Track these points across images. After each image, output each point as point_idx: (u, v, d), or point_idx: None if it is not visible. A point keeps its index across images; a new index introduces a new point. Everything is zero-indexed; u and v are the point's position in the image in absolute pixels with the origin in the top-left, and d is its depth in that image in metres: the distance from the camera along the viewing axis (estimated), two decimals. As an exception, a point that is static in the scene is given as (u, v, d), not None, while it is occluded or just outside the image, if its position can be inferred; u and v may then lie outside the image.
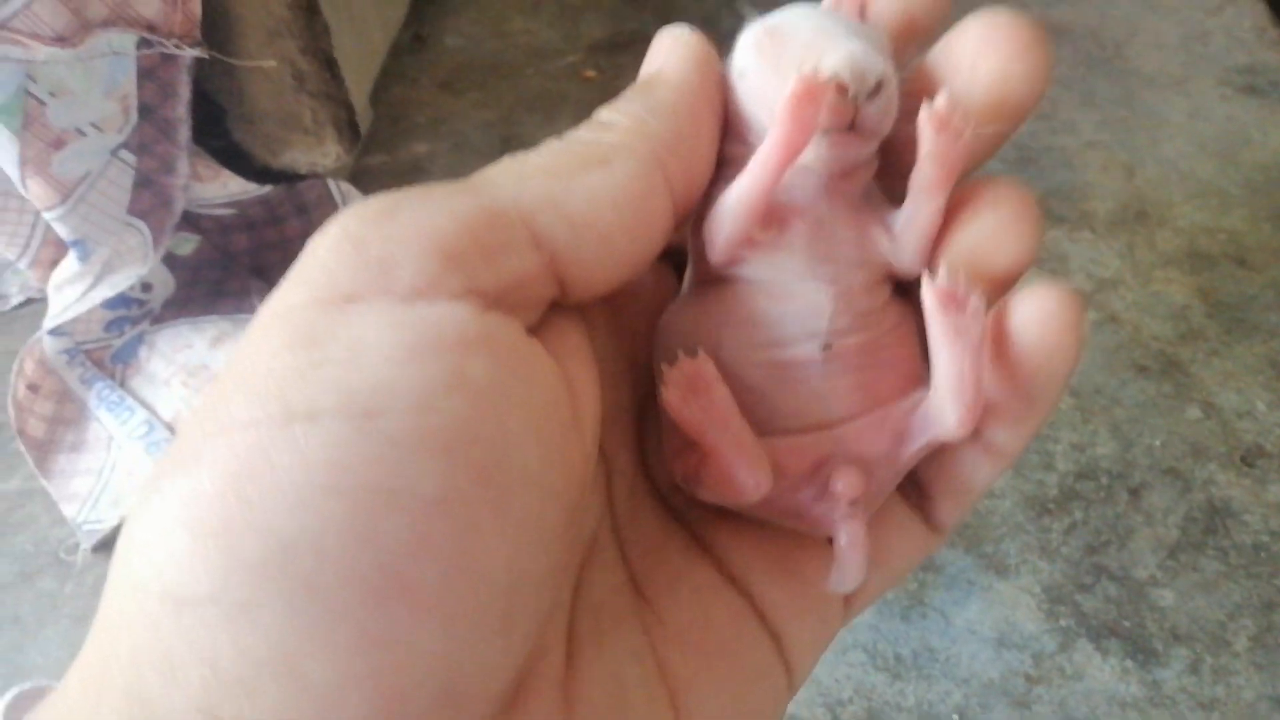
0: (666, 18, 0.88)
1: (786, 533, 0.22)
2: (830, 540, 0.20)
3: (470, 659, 0.16)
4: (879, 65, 0.19)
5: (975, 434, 0.20)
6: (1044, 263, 0.66)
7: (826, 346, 0.20)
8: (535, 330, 0.18)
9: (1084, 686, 0.47)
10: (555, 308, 0.19)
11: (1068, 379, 0.20)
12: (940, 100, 0.19)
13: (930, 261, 0.20)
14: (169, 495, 0.15)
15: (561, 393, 0.18)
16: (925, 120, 0.19)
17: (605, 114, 0.20)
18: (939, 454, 0.21)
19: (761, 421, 0.20)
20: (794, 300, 0.20)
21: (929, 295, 0.19)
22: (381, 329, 0.16)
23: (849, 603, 0.23)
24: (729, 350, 0.20)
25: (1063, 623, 0.49)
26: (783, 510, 0.21)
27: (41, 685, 0.50)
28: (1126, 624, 0.49)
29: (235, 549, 0.14)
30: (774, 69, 0.20)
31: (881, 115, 0.19)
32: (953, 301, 0.19)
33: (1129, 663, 0.48)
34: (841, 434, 0.20)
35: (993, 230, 0.20)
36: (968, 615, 0.50)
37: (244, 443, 0.15)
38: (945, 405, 0.19)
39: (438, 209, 0.17)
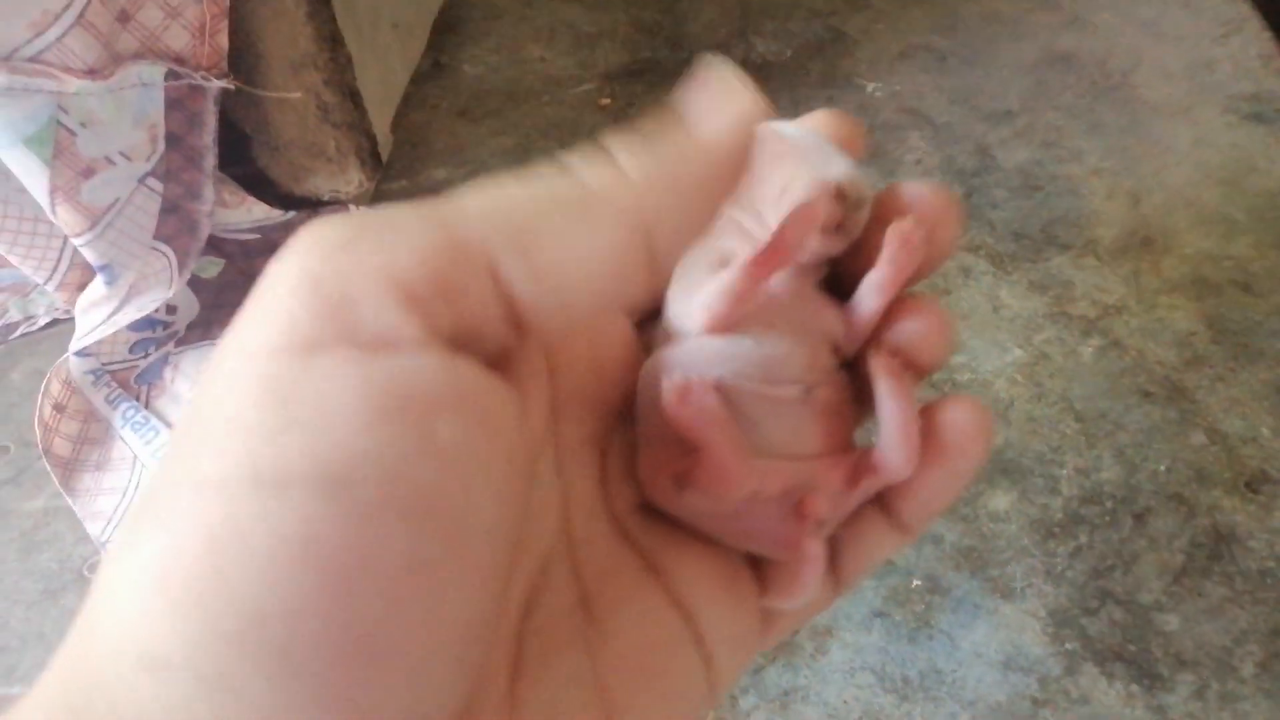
0: (680, 46, 0.90)
1: (732, 556, 0.24)
2: (772, 561, 0.23)
3: (432, 701, 0.16)
4: (866, 182, 0.23)
5: (889, 508, 0.24)
6: (1049, 289, 0.67)
7: (807, 390, 0.23)
8: (496, 360, 0.18)
9: (1089, 711, 0.48)
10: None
11: (972, 478, 0.23)
12: (908, 223, 0.22)
13: (873, 341, 0.24)
14: (144, 552, 0.15)
15: (518, 438, 0.18)
16: (893, 234, 0.22)
17: (613, 151, 0.19)
18: (855, 519, 0.24)
19: (745, 444, 0.22)
20: (777, 350, 0.23)
21: (881, 363, 0.22)
22: (347, 387, 0.16)
23: (765, 634, 0.24)
24: (720, 376, 0.22)
25: (1068, 646, 0.50)
26: (748, 527, 0.23)
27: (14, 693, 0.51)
28: (1132, 648, 0.50)
29: (209, 620, 0.15)
30: (778, 163, 0.23)
31: (860, 222, 0.23)
32: (898, 371, 0.23)
33: (1134, 687, 0.49)
34: (810, 467, 0.23)
35: (921, 333, 0.23)
36: (974, 638, 0.51)
37: (215, 506, 0.15)
38: (893, 451, 0.22)
39: (399, 243, 0.17)
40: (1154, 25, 0.89)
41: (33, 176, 0.53)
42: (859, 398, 0.24)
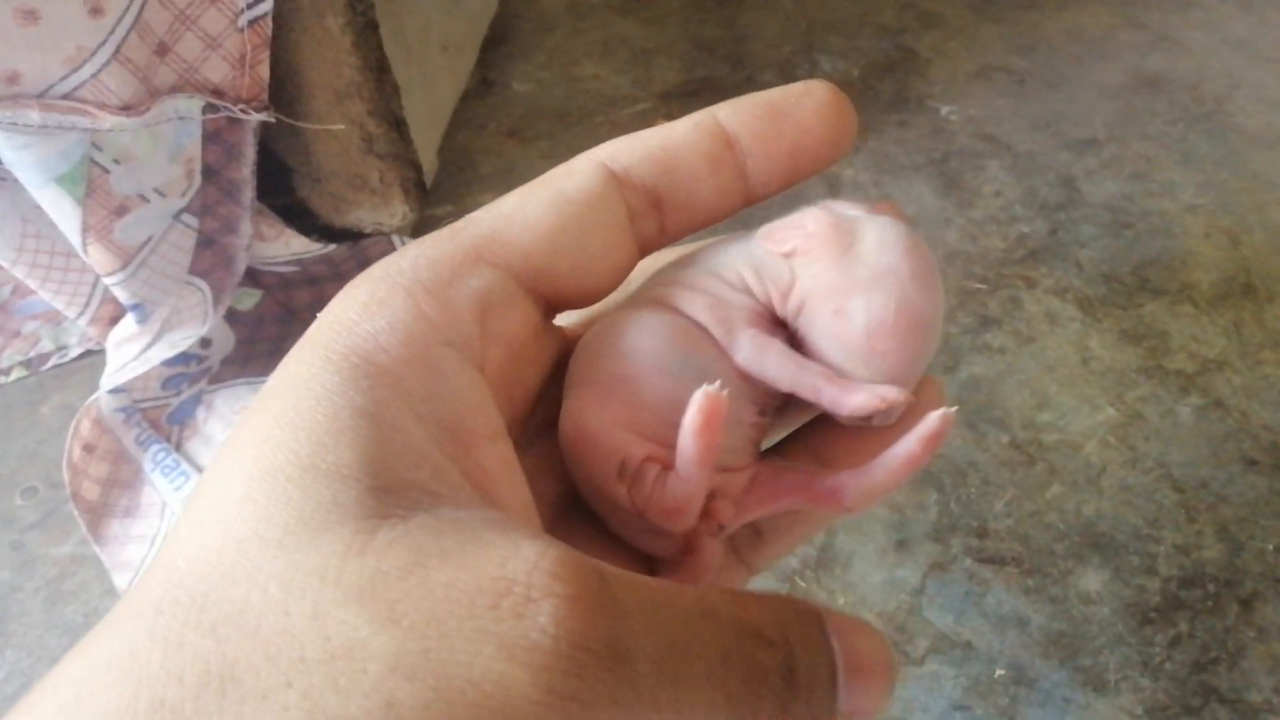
0: (741, 64, 0.85)
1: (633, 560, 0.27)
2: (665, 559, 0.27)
3: None
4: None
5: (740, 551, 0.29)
6: (1143, 339, 0.62)
7: (761, 413, 0.26)
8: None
9: (1193, 825, 0.44)
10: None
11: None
12: (947, 418, 0.25)
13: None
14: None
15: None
16: (937, 423, 0.24)
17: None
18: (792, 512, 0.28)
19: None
20: (739, 389, 0.26)
21: (932, 431, 0.24)
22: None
23: None
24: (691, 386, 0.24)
25: (1169, 752, 0.45)
26: (651, 527, 0.26)
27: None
28: (1240, 756, 0.45)
29: None
30: (801, 246, 0.27)
31: None
32: (932, 447, 0.25)
33: (1244, 801, 0.44)
34: (736, 478, 0.26)
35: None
36: (1064, 738, 0.46)
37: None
38: (863, 500, 0.25)
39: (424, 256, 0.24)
40: (1250, 45, 0.83)
41: (64, 216, 0.50)
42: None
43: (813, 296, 0.26)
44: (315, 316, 0.27)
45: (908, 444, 0.25)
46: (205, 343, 0.63)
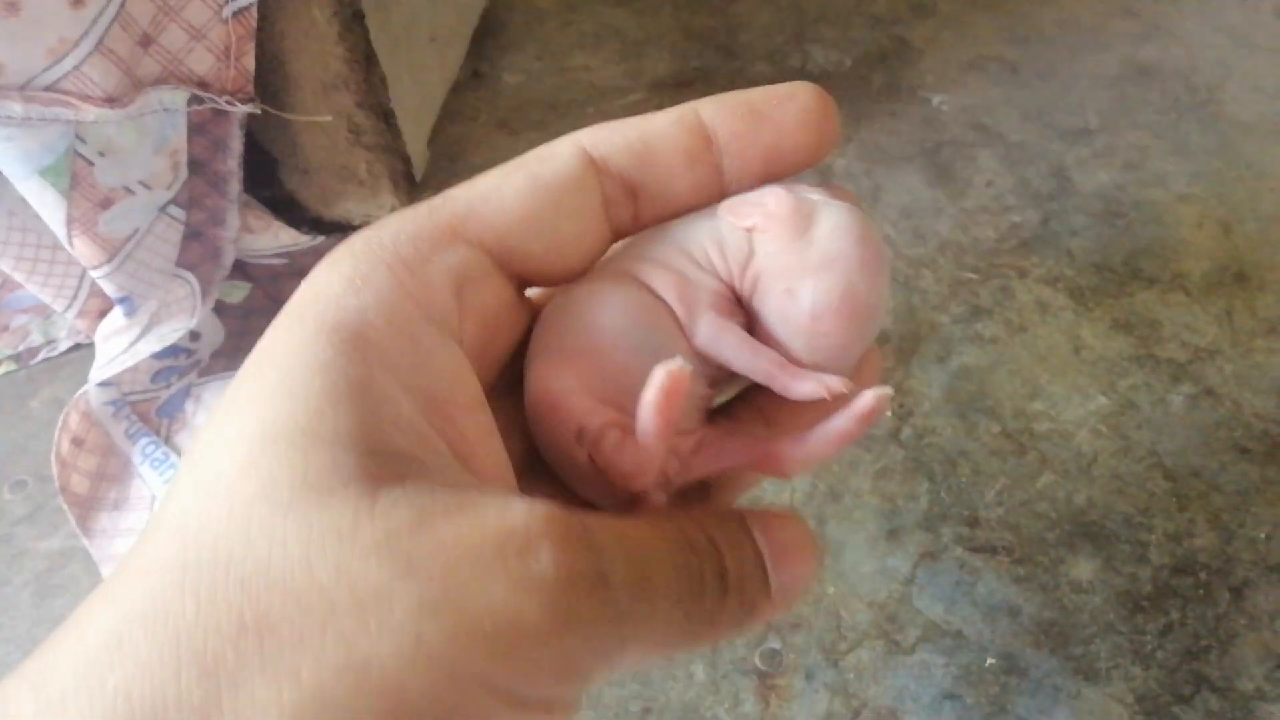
0: (733, 55, 0.85)
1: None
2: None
3: None
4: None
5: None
6: (1134, 328, 0.61)
7: (711, 385, 0.29)
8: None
9: (1183, 812, 0.44)
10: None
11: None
12: (883, 397, 0.27)
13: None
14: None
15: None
16: (872, 401, 0.26)
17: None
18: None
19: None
20: (694, 365, 0.27)
21: (869, 405, 0.26)
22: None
23: None
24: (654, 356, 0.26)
25: (1160, 740, 0.45)
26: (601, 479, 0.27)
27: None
28: (1231, 744, 0.45)
29: None
30: (763, 224, 0.28)
31: None
32: (870, 420, 0.27)
33: (1234, 789, 0.44)
34: (685, 440, 0.28)
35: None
36: (1055, 727, 0.46)
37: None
38: (800, 463, 0.28)
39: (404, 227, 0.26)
40: (1243, 35, 0.83)
41: (49, 208, 0.49)
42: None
43: (766, 274, 0.28)
44: None
45: (843, 419, 0.27)
46: (194, 336, 0.63)
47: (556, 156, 0.28)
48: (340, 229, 0.61)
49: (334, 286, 0.24)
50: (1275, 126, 0.75)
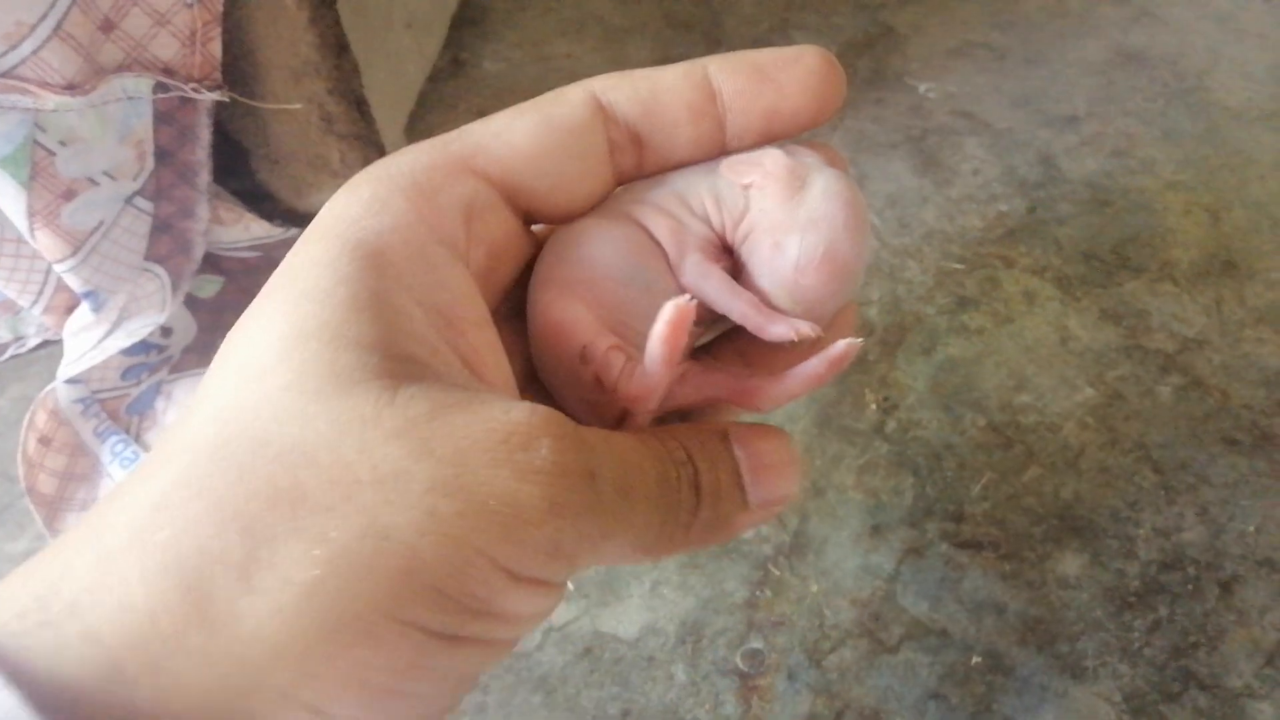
0: (717, 42, 0.84)
1: None
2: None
3: None
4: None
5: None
6: (1122, 319, 0.61)
7: (696, 324, 0.29)
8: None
9: (1171, 812, 0.43)
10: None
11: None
12: (853, 347, 0.29)
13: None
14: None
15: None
16: (844, 350, 0.29)
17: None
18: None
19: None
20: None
21: (841, 352, 0.29)
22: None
23: None
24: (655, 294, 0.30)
25: (1148, 739, 0.45)
26: (596, 399, 0.30)
27: None
28: (1220, 742, 0.44)
29: None
30: (763, 180, 0.31)
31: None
32: (840, 366, 0.29)
33: (1223, 788, 0.43)
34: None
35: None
36: (1041, 726, 0.45)
37: None
38: (772, 400, 0.31)
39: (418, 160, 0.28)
40: (1231, 20, 0.82)
41: (9, 200, 0.48)
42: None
43: (757, 229, 0.30)
44: None
45: (815, 363, 0.30)
46: (166, 331, 0.62)
47: (568, 101, 0.29)
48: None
49: (354, 209, 0.26)
50: (1263, 113, 0.74)
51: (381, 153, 0.59)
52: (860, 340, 0.30)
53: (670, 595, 0.49)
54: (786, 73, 0.30)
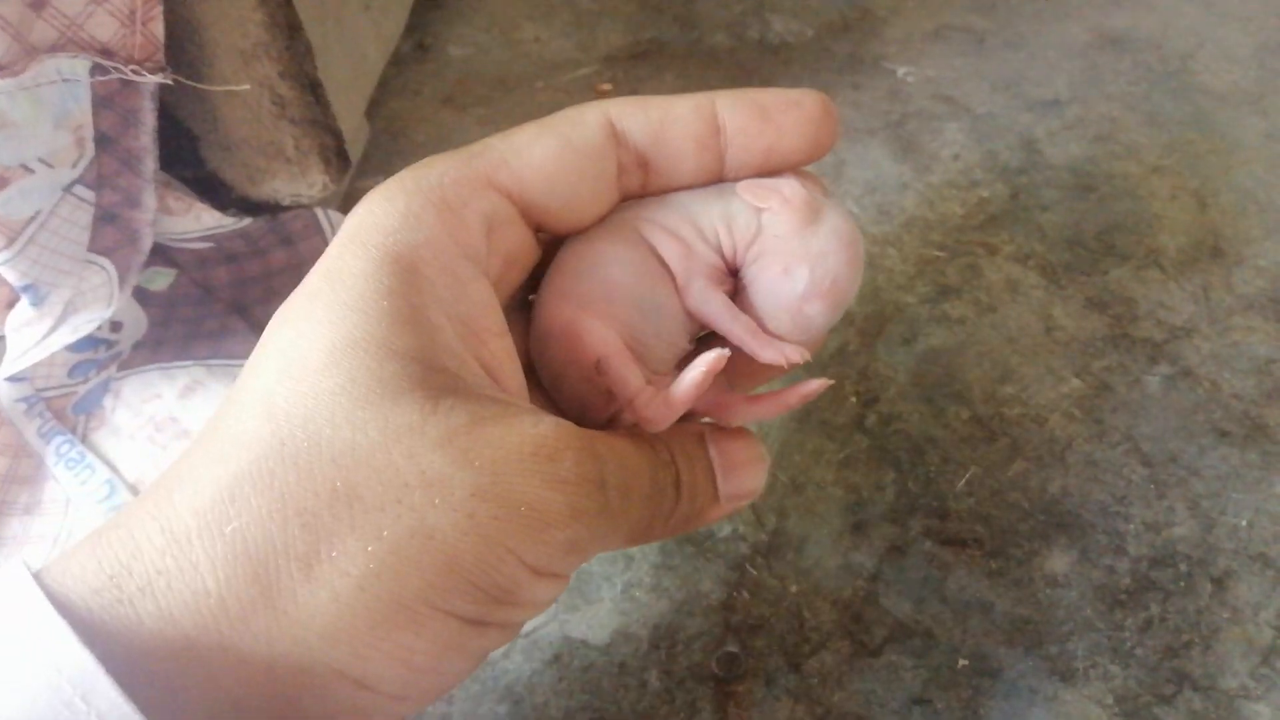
0: (690, 25, 0.81)
1: None
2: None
3: None
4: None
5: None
6: (1108, 307, 0.59)
7: (690, 341, 0.35)
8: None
9: (1166, 819, 0.41)
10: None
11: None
12: (815, 387, 0.35)
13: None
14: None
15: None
16: (804, 391, 0.35)
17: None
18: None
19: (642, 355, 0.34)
20: (682, 323, 0.35)
21: (813, 387, 0.34)
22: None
23: None
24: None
25: (1141, 744, 0.43)
26: (595, 406, 0.34)
27: None
28: (1215, 745, 0.43)
29: None
30: (775, 212, 0.34)
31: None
32: (806, 399, 0.35)
33: (1219, 794, 0.41)
34: (661, 380, 0.34)
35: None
36: (1030, 731, 0.43)
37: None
38: (742, 417, 0.35)
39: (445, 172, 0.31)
40: (1215, 2, 0.81)
41: (-65, 188, 0.45)
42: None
43: (768, 252, 0.33)
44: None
45: (787, 394, 0.35)
46: (116, 326, 0.59)
47: (586, 124, 0.32)
48: (269, 209, 0.57)
49: (391, 219, 0.28)
50: (1248, 96, 0.72)
51: (338, 139, 0.56)
52: (831, 381, 0.35)
53: (643, 598, 0.47)
54: (787, 115, 0.33)
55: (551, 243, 0.35)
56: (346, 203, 0.68)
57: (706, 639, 0.46)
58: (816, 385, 0.34)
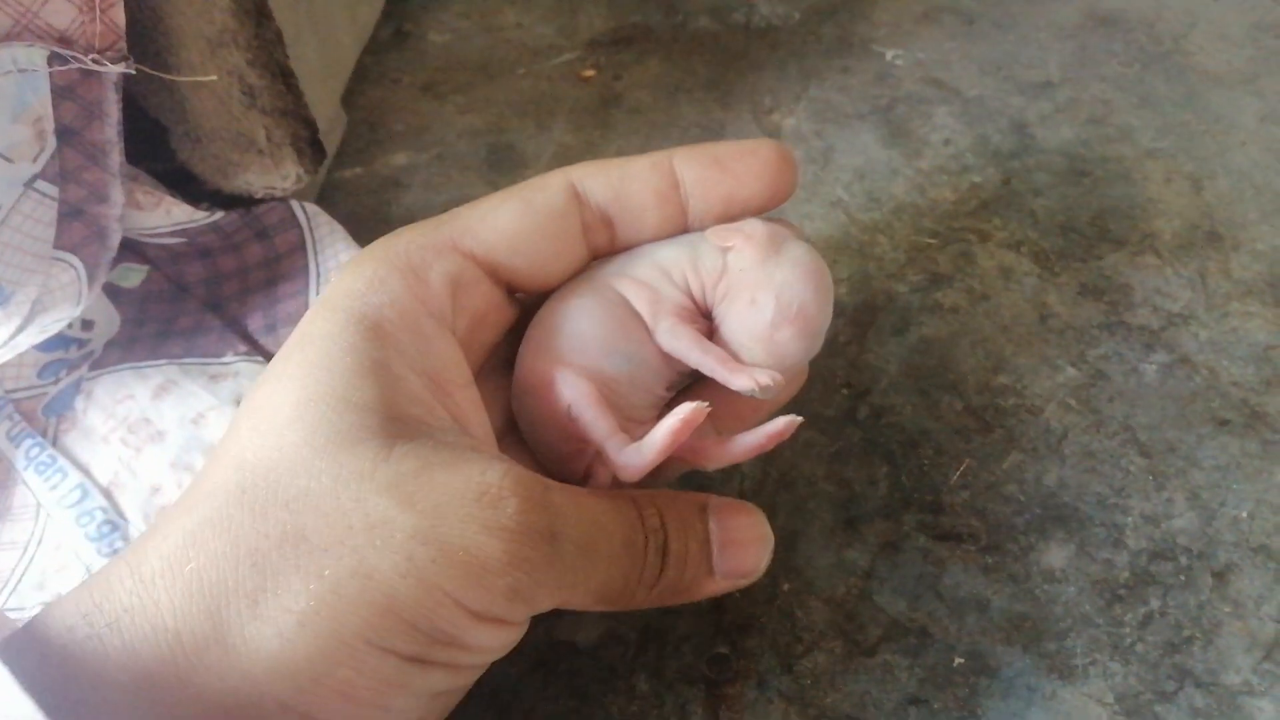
0: (674, 10, 0.79)
1: None
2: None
3: None
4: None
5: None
6: (1104, 294, 0.58)
7: (668, 389, 0.37)
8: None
9: (1168, 820, 0.40)
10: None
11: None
12: (790, 426, 0.36)
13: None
14: None
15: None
16: (782, 428, 0.36)
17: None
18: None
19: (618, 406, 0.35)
20: (659, 371, 0.36)
21: (781, 427, 0.35)
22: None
23: None
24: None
25: (1142, 742, 0.42)
26: (575, 461, 0.35)
27: None
28: (1218, 744, 0.41)
29: None
30: (739, 269, 0.36)
31: None
32: (779, 439, 0.36)
33: (1223, 794, 0.40)
34: (639, 429, 0.34)
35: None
36: (1029, 731, 0.42)
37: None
38: (717, 460, 0.36)
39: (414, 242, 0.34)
40: (1208, -19, 0.79)
41: (-110, 184, 0.43)
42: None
43: (735, 287, 0.34)
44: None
45: (757, 435, 0.35)
46: (87, 324, 0.57)
47: (548, 188, 0.34)
48: (242, 202, 0.55)
49: (359, 284, 0.31)
50: (1243, 76, 0.71)
51: (312, 129, 0.54)
52: (800, 419, 0.35)
53: (630, 600, 0.46)
54: (742, 163, 0.34)
55: (532, 303, 0.36)
56: (325, 193, 0.66)
57: (696, 640, 0.45)
58: (784, 423, 0.34)
